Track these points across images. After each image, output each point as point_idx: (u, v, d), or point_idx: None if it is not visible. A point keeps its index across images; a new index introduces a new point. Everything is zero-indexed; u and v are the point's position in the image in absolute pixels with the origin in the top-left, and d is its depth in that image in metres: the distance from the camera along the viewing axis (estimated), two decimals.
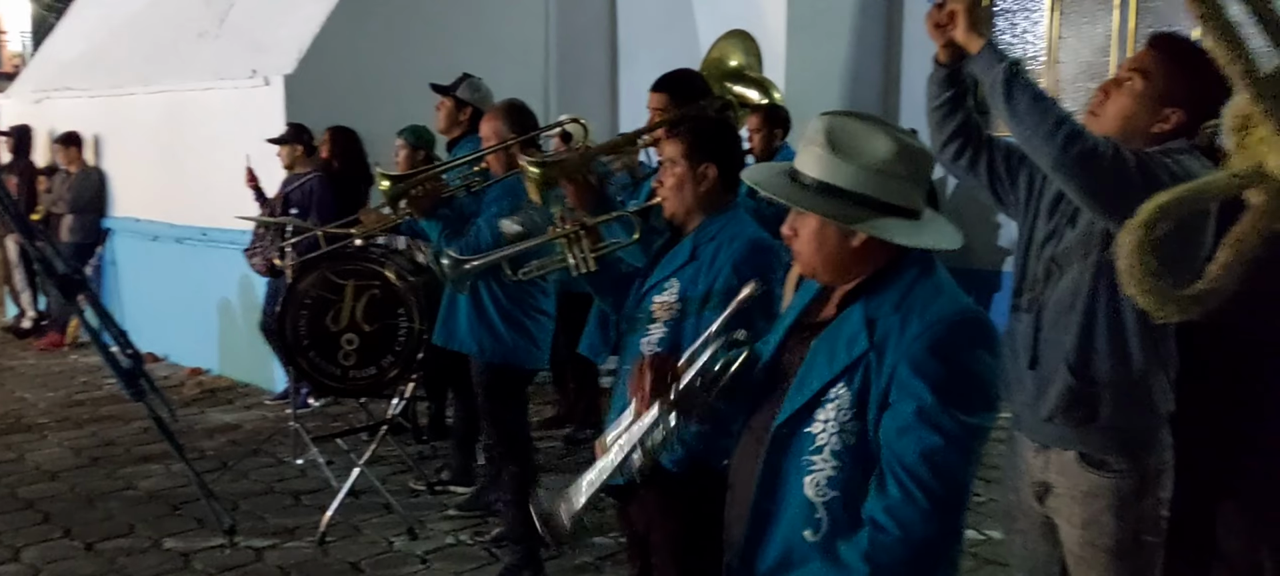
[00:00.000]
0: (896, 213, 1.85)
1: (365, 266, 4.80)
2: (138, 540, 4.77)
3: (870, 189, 1.83)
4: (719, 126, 3.03)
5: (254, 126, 7.15)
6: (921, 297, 1.84)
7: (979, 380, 1.81)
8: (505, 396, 4.28)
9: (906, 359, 1.78)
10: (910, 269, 1.87)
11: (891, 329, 1.82)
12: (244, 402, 7.21)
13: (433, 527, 4.87)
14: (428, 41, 7.53)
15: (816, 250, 1.91)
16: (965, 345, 1.80)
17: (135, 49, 8.83)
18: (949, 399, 1.75)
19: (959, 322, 1.81)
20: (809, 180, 1.87)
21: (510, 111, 4.28)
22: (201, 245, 7.91)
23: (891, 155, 1.84)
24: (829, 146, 1.86)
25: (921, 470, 1.75)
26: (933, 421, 1.75)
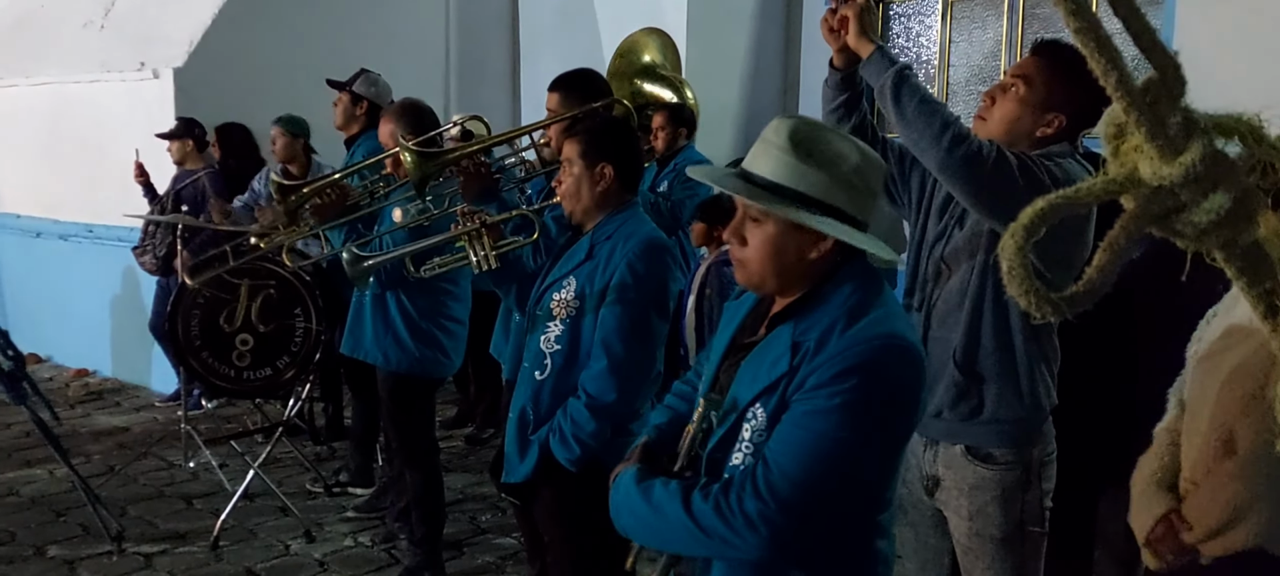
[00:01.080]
0: (855, 225, 1.80)
1: (260, 265, 4.70)
2: (19, 548, 4.59)
3: (838, 200, 1.77)
4: (616, 126, 3.06)
5: (143, 120, 6.93)
6: (855, 317, 1.77)
7: (883, 404, 1.74)
8: (411, 406, 4.21)
9: (815, 375, 1.73)
10: (844, 286, 1.81)
11: (810, 349, 1.76)
12: (133, 404, 6.99)
13: (331, 530, 4.79)
14: (323, 35, 7.39)
15: (770, 258, 1.82)
16: (875, 369, 1.72)
17: (15, 39, 8.47)
18: (844, 410, 1.70)
19: (876, 349, 1.74)
20: (766, 182, 1.78)
21: (406, 111, 4.22)
22: (87, 242, 7.65)
23: (856, 163, 1.79)
24: (793, 150, 1.77)
25: (775, 478, 1.71)
26: (811, 421, 1.71)
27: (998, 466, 2.52)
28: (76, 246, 7.77)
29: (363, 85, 5.32)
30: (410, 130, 4.08)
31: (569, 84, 3.65)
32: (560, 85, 3.66)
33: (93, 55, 7.62)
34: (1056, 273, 2.19)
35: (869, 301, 1.80)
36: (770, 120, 1.92)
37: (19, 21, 8.61)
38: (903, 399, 1.78)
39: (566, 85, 3.65)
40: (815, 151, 1.78)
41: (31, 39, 8.33)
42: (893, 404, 1.76)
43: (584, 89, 3.63)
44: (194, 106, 6.77)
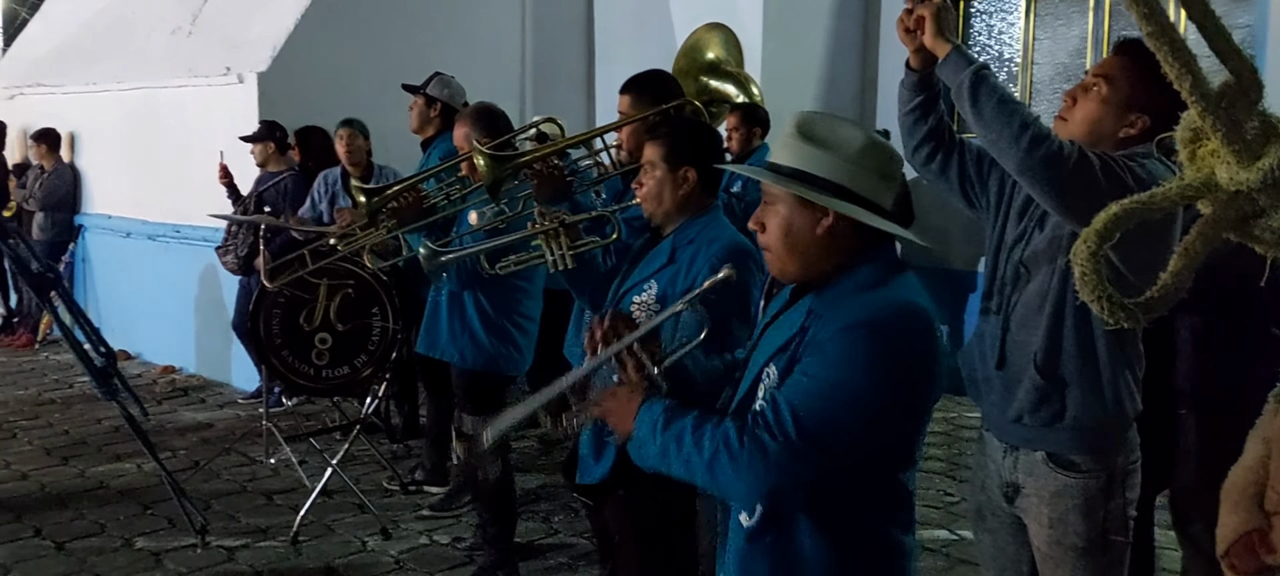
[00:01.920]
0: (864, 204, 1.87)
1: (339, 265, 4.77)
2: (108, 539, 4.73)
3: (840, 176, 1.86)
4: (699, 130, 3.04)
5: (227, 124, 7.11)
6: (865, 290, 1.86)
7: (888, 355, 1.79)
8: (485, 403, 4.26)
9: (823, 331, 1.82)
10: (862, 268, 1.89)
11: (825, 313, 1.85)
12: (216, 401, 7.17)
13: (406, 527, 4.86)
14: (402, 39, 7.50)
15: (783, 238, 1.92)
16: (879, 342, 1.79)
17: (109, 46, 8.75)
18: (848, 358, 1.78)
19: (882, 306, 1.83)
20: (783, 169, 1.91)
21: (480, 115, 4.27)
22: (174, 242, 7.86)
23: (861, 146, 1.88)
24: (800, 136, 1.90)
25: (784, 412, 1.78)
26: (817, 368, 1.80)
27: (1080, 474, 2.46)
28: (164, 246, 7.99)
29: (436, 88, 5.39)
30: (484, 133, 4.12)
31: (640, 86, 3.64)
32: (631, 87, 3.65)
33: (181, 60, 7.83)
34: (1140, 276, 2.12)
35: (886, 280, 1.88)
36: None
37: (110, 28, 8.89)
38: (909, 354, 1.82)
39: (638, 87, 3.64)
40: (817, 135, 1.90)
41: (122, 45, 8.60)
42: (899, 357, 1.80)
43: (655, 90, 3.62)
44: (276, 110, 6.92)
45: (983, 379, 2.58)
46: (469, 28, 7.93)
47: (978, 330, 2.62)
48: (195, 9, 8.15)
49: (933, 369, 1.85)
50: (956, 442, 6.27)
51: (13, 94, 9.53)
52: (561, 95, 8.32)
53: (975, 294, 8.10)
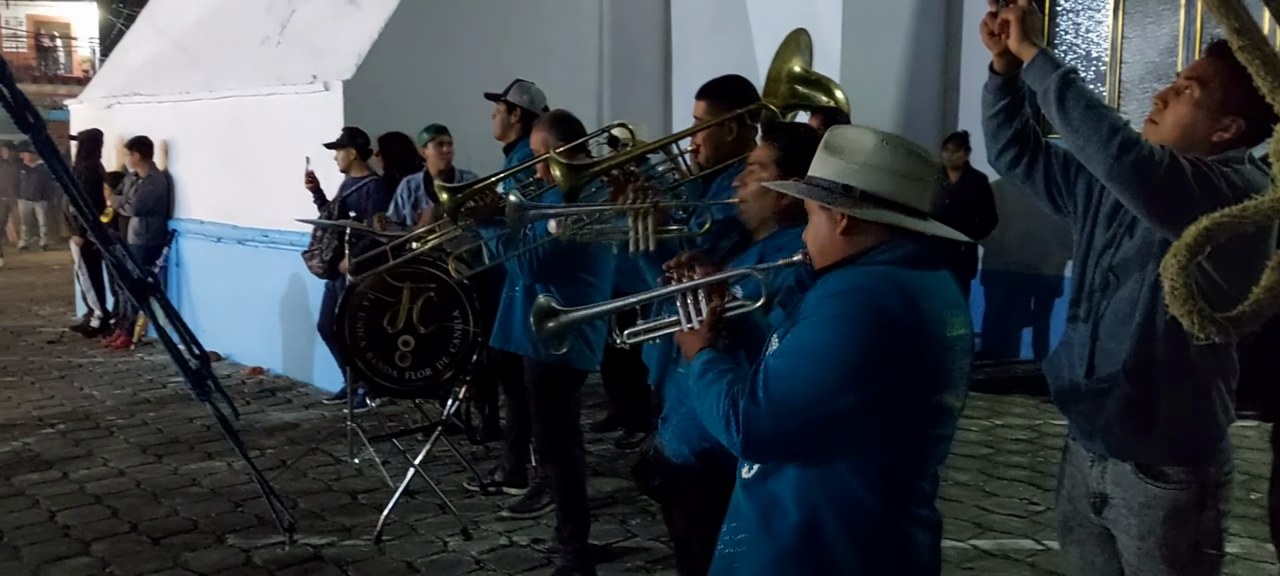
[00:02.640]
0: (877, 202, 1.98)
1: (421, 269, 4.86)
2: (201, 536, 4.87)
3: (852, 179, 1.99)
4: (814, 141, 2.99)
5: (313, 131, 7.28)
6: (858, 268, 1.97)
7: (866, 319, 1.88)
8: (556, 397, 4.32)
9: (806, 305, 1.96)
10: (873, 253, 1.99)
11: (818, 287, 2.00)
12: (302, 401, 7.34)
13: (487, 528, 4.92)
14: (482, 46, 7.61)
15: (814, 238, 2.07)
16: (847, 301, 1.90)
17: (201, 56, 9.02)
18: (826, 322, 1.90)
19: (863, 276, 1.94)
20: (812, 177, 2.07)
21: (556, 122, 4.37)
22: (262, 247, 8.07)
23: (872, 148, 2.00)
24: (822, 147, 2.07)
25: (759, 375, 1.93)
26: (800, 333, 1.93)
27: (1171, 485, 2.40)
28: (252, 251, 8.21)
29: (516, 94, 5.48)
30: (560, 140, 4.20)
31: (715, 91, 3.64)
32: (707, 93, 3.64)
33: (269, 69, 8.04)
34: (1237, 285, 2.06)
35: (888, 264, 1.97)
36: (927, 123, 2.01)
37: (203, 39, 9.17)
38: (876, 315, 1.88)
39: (713, 92, 3.63)
40: (833, 144, 2.05)
41: (214, 55, 8.86)
42: (865, 316, 1.88)
43: (731, 95, 3.61)
44: (361, 117, 7.07)
45: (1070, 387, 2.52)
46: (548, 33, 8.01)
47: (1065, 337, 2.57)
48: (283, 19, 8.36)
49: (905, 334, 1.87)
50: (1041, 450, 6.15)
51: (110, 103, 9.87)
52: (639, 98, 8.36)
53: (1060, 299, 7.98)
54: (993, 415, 6.89)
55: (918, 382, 1.90)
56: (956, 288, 2.07)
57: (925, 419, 1.94)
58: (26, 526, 4.97)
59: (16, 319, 10.72)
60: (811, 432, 1.90)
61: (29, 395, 7.47)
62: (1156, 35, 7.64)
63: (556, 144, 4.17)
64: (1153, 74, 7.61)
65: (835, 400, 1.86)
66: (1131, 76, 7.78)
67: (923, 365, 1.90)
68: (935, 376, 1.92)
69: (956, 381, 1.97)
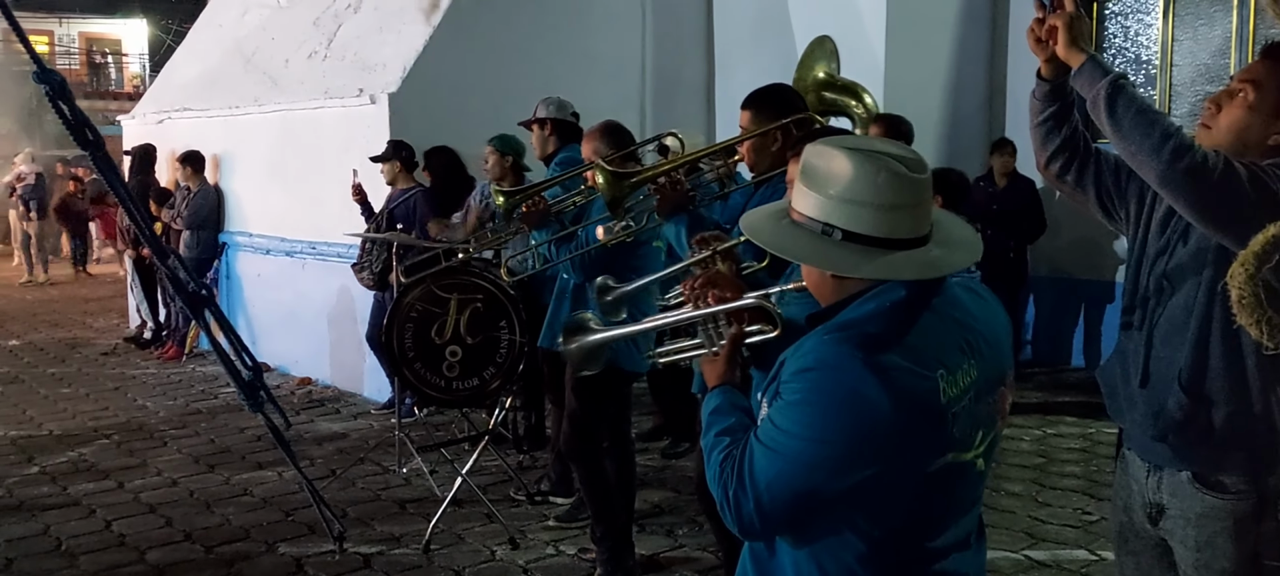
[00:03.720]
0: (861, 242, 1.74)
1: (468, 280, 4.90)
2: (253, 544, 4.94)
3: (833, 216, 1.75)
4: None
5: (360, 143, 7.37)
6: (834, 329, 1.74)
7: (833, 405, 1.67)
8: (594, 397, 4.32)
9: (783, 377, 1.75)
10: (860, 299, 1.77)
11: (796, 350, 1.76)
12: (350, 411, 7.41)
13: (534, 537, 4.94)
14: (526, 58, 7.66)
15: (806, 278, 1.89)
16: (814, 386, 1.69)
17: (250, 70, 9.16)
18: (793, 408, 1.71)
19: (823, 359, 1.70)
20: (794, 215, 1.83)
21: (606, 132, 4.43)
22: (311, 259, 8.17)
23: (850, 178, 1.74)
24: (801, 175, 1.82)
25: (745, 460, 1.76)
26: (765, 432, 1.75)
27: (1229, 495, 2.36)
28: (300, 263, 8.31)
29: (543, 110, 5.55)
30: (610, 148, 4.25)
31: (760, 101, 3.63)
32: (752, 102, 3.64)
33: (316, 83, 8.14)
34: None
35: (872, 313, 1.75)
36: (973, 129, 1.90)
37: (252, 54, 9.30)
38: (860, 406, 1.65)
39: (758, 102, 3.63)
40: (811, 172, 1.80)
41: (263, 70, 8.99)
42: (848, 407, 1.66)
43: (776, 105, 3.60)
44: (406, 129, 7.14)
45: (1124, 396, 2.49)
46: (590, 43, 8.05)
47: (1119, 345, 2.54)
48: (330, 33, 8.47)
49: (881, 419, 1.64)
50: (1095, 459, 6.07)
51: (162, 118, 10.05)
52: (682, 107, 8.37)
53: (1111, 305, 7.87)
54: (1045, 424, 6.81)
55: (908, 460, 1.70)
56: (970, 314, 1.83)
57: (928, 485, 1.74)
58: (84, 535, 5.07)
59: (71, 331, 10.94)
60: (801, 519, 1.75)
61: (84, 406, 7.62)
62: (1208, 37, 7.52)
63: (607, 153, 4.21)
64: (1204, 77, 7.49)
65: (820, 489, 1.69)
66: (1182, 79, 7.66)
67: (910, 443, 1.69)
68: (930, 446, 1.71)
69: (963, 438, 1.75)
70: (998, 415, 1.85)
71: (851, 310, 1.78)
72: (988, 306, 1.89)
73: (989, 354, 1.81)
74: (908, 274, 1.75)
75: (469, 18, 7.63)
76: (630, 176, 3.72)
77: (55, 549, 4.92)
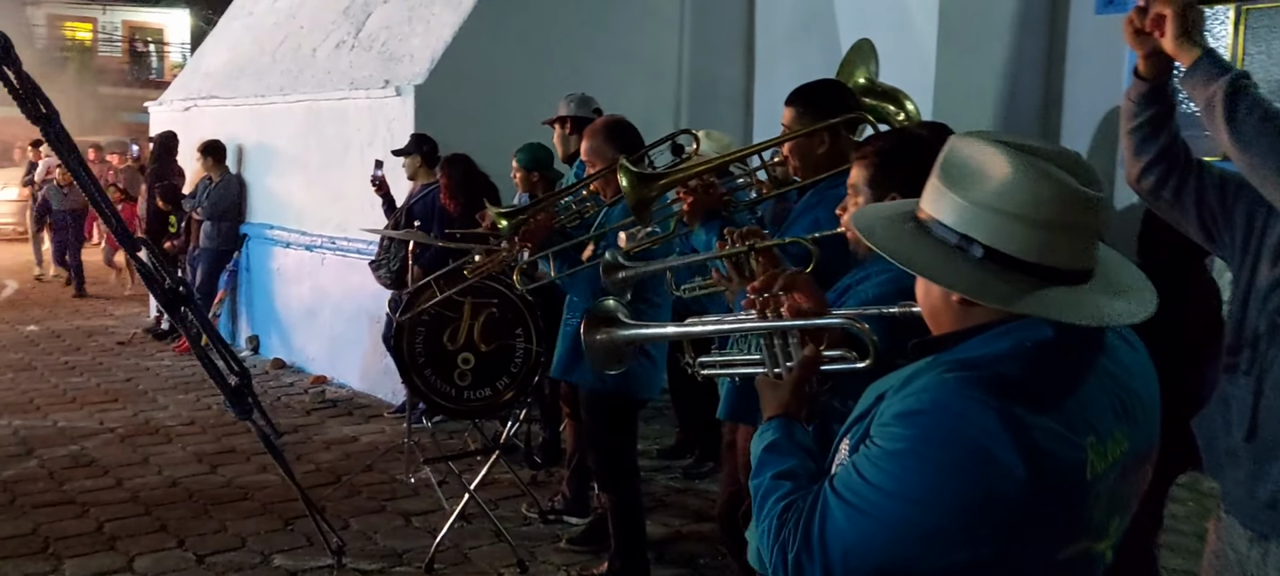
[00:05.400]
0: (1003, 263, 1.39)
1: (484, 283, 4.59)
2: (247, 554, 4.65)
3: (974, 227, 1.40)
4: (913, 151, 2.65)
5: (385, 136, 7.10)
6: (954, 367, 1.39)
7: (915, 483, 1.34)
8: (612, 424, 4.09)
9: (882, 419, 1.41)
10: (1004, 339, 1.40)
11: (902, 386, 1.43)
12: (363, 414, 7.11)
13: (545, 561, 4.61)
14: (559, 52, 7.35)
15: (924, 303, 1.54)
16: (922, 440, 1.35)
17: (278, 59, 8.92)
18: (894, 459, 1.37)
19: (949, 390, 1.36)
20: (922, 215, 1.49)
21: (615, 131, 4.05)
22: (330, 253, 7.91)
23: (1004, 180, 1.38)
24: (938, 172, 1.47)
25: (816, 514, 1.44)
26: (847, 484, 1.41)
27: None
28: (320, 257, 8.04)
29: (566, 107, 5.25)
30: (616, 148, 3.89)
31: (807, 98, 3.28)
32: (797, 99, 3.29)
33: (343, 73, 7.88)
34: None
35: (1009, 353, 1.39)
36: None
37: (281, 43, 9.07)
38: (985, 469, 1.30)
39: (804, 99, 3.28)
40: (954, 170, 1.44)
41: (290, 59, 8.74)
42: (968, 468, 1.31)
43: (825, 102, 3.25)
44: (433, 122, 6.84)
45: (1225, 451, 2.13)
46: (626, 40, 7.72)
47: (1221, 393, 2.17)
48: (359, 22, 8.21)
49: (1010, 490, 1.30)
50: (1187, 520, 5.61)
51: (189, 106, 9.84)
52: (719, 109, 8.03)
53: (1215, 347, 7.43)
54: None
55: (1034, 546, 1.36)
56: (1125, 367, 1.46)
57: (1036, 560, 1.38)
58: (73, 536, 4.80)
59: (91, 319, 10.75)
60: None
61: (92, 398, 7.37)
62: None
63: (611, 154, 3.87)
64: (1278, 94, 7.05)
65: (913, 567, 1.36)
66: None
67: (1041, 525, 1.34)
68: (1064, 532, 1.37)
69: (1100, 524, 1.40)
70: (1136, 498, 1.47)
71: (979, 344, 1.42)
72: (1140, 359, 1.51)
73: (1143, 420, 1.44)
74: (1067, 317, 1.37)
75: (500, 9, 7.32)
76: (658, 178, 3.39)
77: (41, 550, 4.65)
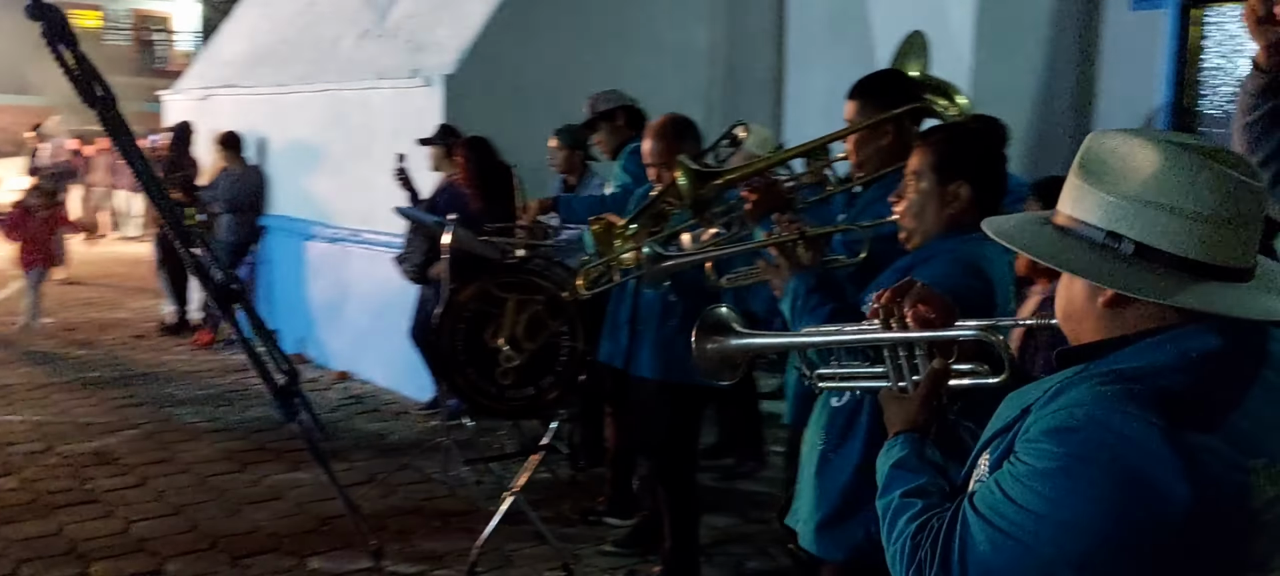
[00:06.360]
0: (1160, 260, 1.28)
1: (529, 280, 4.47)
2: (283, 557, 4.54)
3: (1122, 223, 1.30)
4: (979, 140, 2.57)
5: (413, 127, 6.96)
6: (1110, 380, 1.27)
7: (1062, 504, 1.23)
8: (685, 418, 4.06)
9: (1031, 434, 1.30)
10: (1164, 350, 1.28)
11: (1051, 400, 1.31)
12: (390, 410, 7.00)
13: (589, 564, 4.51)
14: (590, 44, 7.22)
15: (1062, 308, 1.44)
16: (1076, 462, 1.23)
17: (298, 47, 8.80)
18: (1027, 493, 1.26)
19: (1108, 405, 1.24)
20: (1061, 220, 1.39)
21: (678, 129, 4.03)
22: (355, 246, 7.79)
23: (1153, 175, 1.29)
24: (1078, 170, 1.38)
25: (955, 536, 1.34)
26: (990, 504, 1.30)
27: None
28: (344, 250, 7.93)
29: (605, 101, 5.18)
30: (688, 147, 3.86)
31: (868, 90, 3.19)
32: (859, 91, 3.21)
33: (368, 63, 7.75)
34: None
35: (1170, 364, 1.26)
36: (1061, 138, 1.42)
37: (301, 31, 8.95)
38: (1145, 495, 1.19)
39: (866, 91, 3.19)
40: (1096, 166, 1.35)
41: (312, 47, 8.62)
42: (1126, 493, 1.20)
43: (889, 93, 3.16)
44: (462, 113, 6.72)
45: None
46: (657, 33, 7.59)
47: None
48: (383, 10, 8.08)
49: (1173, 517, 1.19)
50: None
51: (206, 96, 9.72)
52: (750, 103, 7.89)
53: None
54: None
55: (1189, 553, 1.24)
56: None
57: None
58: (100, 538, 4.69)
59: (105, 311, 10.61)
60: None
61: (111, 393, 7.24)
62: None
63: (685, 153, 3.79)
64: None
65: None
66: None
67: (1201, 556, 1.23)
68: (1225, 564, 1.25)
69: (1266, 556, 1.26)
70: None
71: (1137, 354, 1.29)
72: None
73: None
74: (1235, 311, 1.25)
75: None
76: (717, 175, 3.31)
77: (69, 552, 4.54)
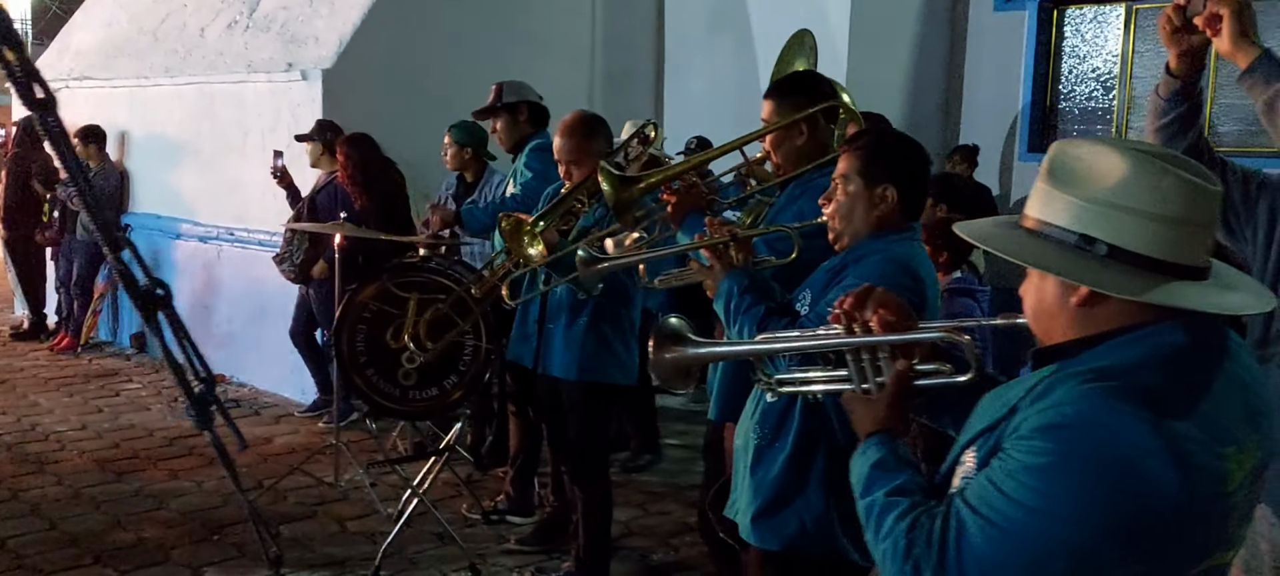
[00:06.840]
0: (1129, 260, 1.37)
1: (430, 279, 4.42)
2: (174, 569, 4.38)
3: (1093, 226, 1.38)
4: (904, 143, 2.68)
5: (288, 122, 6.79)
6: (1094, 377, 1.34)
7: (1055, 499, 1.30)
8: (599, 416, 4.07)
9: (1027, 421, 1.36)
10: (1138, 346, 1.37)
11: (1040, 397, 1.38)
12: (271, 414, 6.81)
13: (496, 563, 4.49)
14: (473, 37, 7.17)
15: (1031, 309, 1.51)
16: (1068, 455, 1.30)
17: (160, 38, 8.43)
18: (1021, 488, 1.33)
19: (1098, 403, 1.31)
20: (1029, 223, 1.47)
21: (590, 126, 4.00)
22: (228, 244, 7.54)
23: (1122, 178, 1.37)
24: (1046, 176, 1.46)
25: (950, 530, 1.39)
26: (984, 499, 1.36)
27: None
28: (215, 248, 7.66)
29: (511, 93, 5.10)
30: (599, 145, 3.89)
31: (784, 89, 3.28)
32: (774, 92, 3.30)
33: (238, 55, 7.50)
34: None
35: (1145, 360, 1.35)
36: (931, 133, 1.55)
37: (163, 21, 8.57)
38: (1137, 486, 1.27)
39: (781, 91, 3.28)
40: (1064, 172, 1.43)
41: (176, 39, 8.27)
42: (1118, 485, 1.27)
43: (802, 93, 3.25)
44: (341, 109, 6.58)
45: None
46: (539, 27, 7.59)
47: None
48: (252, 2, 7.82)
49: (1162, 507, 1.28)
50: None
51: (57, 88, 9.20)
52: (632, 99, 7.98)
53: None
54: None
55: (1176, 561, 1.34)
56: (1253, 374, 1.44)
57: None
58: None
59: None
60: None
61: None
62: None
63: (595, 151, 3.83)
64: None
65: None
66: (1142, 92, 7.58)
67: (1186, 539, 1.32)
68: (1204, 544, 1.36)
69: (1234, 534, 1.39)
70: (1254, 505, 1.47)
71: (1110, 352, 1.38)
72: (1257, 368, 1.50)
73: (1267, 428, 1.42)
74: (1202, 306, 1.36)
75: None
76: (639, 180, 3.34)
77: None
